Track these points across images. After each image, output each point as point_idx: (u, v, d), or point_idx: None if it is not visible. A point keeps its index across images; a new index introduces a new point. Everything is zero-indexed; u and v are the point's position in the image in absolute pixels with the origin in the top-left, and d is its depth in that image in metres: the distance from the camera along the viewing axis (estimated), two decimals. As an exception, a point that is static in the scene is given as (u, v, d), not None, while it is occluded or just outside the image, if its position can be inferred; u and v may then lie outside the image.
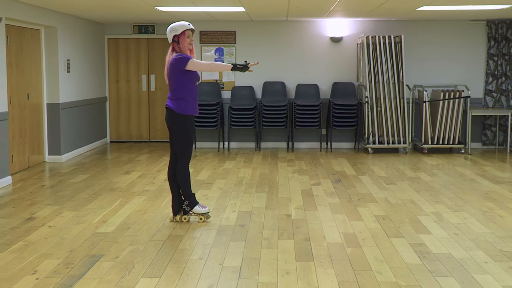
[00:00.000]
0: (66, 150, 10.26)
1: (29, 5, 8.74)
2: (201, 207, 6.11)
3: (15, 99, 8.78)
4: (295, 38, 11.80)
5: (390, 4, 8.87)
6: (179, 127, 5.97)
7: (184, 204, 6.06)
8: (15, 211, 6.55)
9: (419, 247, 5.25)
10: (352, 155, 10.88)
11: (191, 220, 6.12)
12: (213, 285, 4.35)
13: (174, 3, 8.51)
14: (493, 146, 11.67)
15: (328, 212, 6.54)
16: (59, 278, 4.46)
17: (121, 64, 12.57)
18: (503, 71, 11.46)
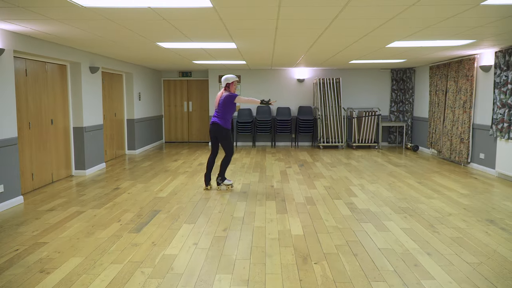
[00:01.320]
0: (138, 146, 10.20)
1: (116, 60, 8.69)
2: (228, 180, 6.21)
3: (108, 116, 8.74)
4: (276, 79, 11.76)
5: (332, 60, 8.84)
6: (226, 136, 5.99)
7: (218, 179, 6.16)
8: (107, 184, 6.52)
9: (350, 205, 5.25)
10: (310, 150, 10.83)
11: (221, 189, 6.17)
12: (227, 228, 4.34)
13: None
14: (394, 144, 11.66)
15: (296, 184, 6.52)
16: (134, 224, 4.45)
17: (171, 95, 12.49)
18: (400, 99, 11.43)
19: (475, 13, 4.29)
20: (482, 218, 4.63)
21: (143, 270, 3.26)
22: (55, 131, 6.67)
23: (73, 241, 3.91)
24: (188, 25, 4.94)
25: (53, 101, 6.61)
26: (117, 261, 3.43)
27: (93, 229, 4.27)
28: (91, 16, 4.40)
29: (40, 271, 3.23)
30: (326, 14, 4.34)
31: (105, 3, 3.86)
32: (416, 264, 3.38)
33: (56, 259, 3.47)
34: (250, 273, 3.23)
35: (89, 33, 5.42)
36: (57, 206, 5.17)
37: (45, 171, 6.37)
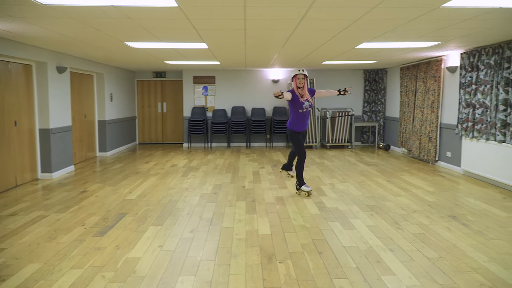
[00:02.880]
0: (110, 148, 10.04)
1: (86, 60, 8.54)
2: (306, 186, 5.73)
3: (77, 118, 8.57)
4: (251, 80, 11.76)
5: (305, 60, 8.90)
6: (289, 136, 5.80)
7: (296, 183, 5.81)
8: (74, 187, 6.38)
9: (319, 204, 5.29)
10: (285, 150, 10.87)
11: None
12: (194, 229, 4.31)
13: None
14: (367, 143, 11.82)
15: (267, 184, 6.54)
16: (98, 227, 4.37)
17: (145, 96, 12.34)
18: (373, 99, 11.61)
19: (436, 16, 4.39)
20: (445, 215, 4.74)
21: (104, 274, 3.20)
22: (19, 133, 6.49)
23: (33, 246, 3.82)
24: (156, 25, 4.89)
25: (17, 102, 6.43)
26: (78, 266, 3.36)
27: (55, 233, 4.17)
28: (53, 14, 4.30)
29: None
30: (292, 15, 4.37)
31: (65, 1, 3.78)
32: (378, 261, 3.44)
33: (13, 266, 3.37)
34: (214, 274, 3.22)
35: (53, 32, 5.31)
36: (19, 210, 5.03)
37: (7, 174, 6.19)
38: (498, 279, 3.08)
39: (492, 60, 6.29)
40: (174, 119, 12.45)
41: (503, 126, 6.03)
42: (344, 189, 6.09)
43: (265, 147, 11.41)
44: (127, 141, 11.43)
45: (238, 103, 11.76)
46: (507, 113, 5.97)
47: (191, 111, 11.64)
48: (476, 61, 6.73)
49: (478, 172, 6.64)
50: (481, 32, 5.33)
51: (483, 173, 6.51)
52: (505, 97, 5.97)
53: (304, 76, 5.54)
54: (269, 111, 11.75)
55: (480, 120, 6.62)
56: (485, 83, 6.49)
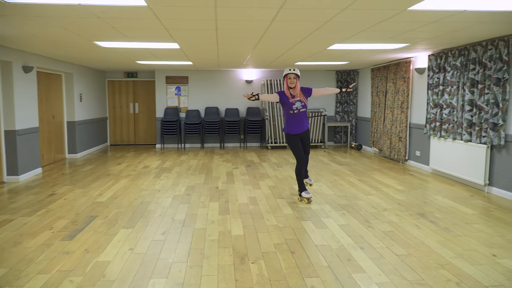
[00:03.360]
0: (80, 150, 9.81)
1: (54, 59, 8.32)
2: (306, 193, 5.37)
3: (45, 118, 8.34)
4: (224, 80, 11.74)
5: (278, 61, 8.95)
6: (286, 141, 5.45)
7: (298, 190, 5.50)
8: (43, 190, 6.21)
9: (292, 204, 5.33)
10: (258, 150, 10.90)
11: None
12: (166, 231, 4.27)
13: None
14: (340, 143, 11.99)
15: (241, 184, 6.54)
16: (67, 231, 4.27)
17: (116, 96, 12.13)
18: (345, 100, 11.79)
19: (404, 18, 4.49)
20: (414, 212, 4.87)
21: (72, 279, 3.13)
22: (-15, 135, 6.28)
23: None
24: (125, 24, 4.81)
25: (-18, 103, 6.22)
26: (45, 271, 3.27)
27: (21, 238, 4.04)
28: (17, 13, 4.18)
29: (-43, 285, 3.02)
30: (263, 16, 4.39)
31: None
32: (349, 259, 3.49)
33: (-24, 271, 3.26)
34: (186, 275, 3.20)
35: (19, 31, 5.15)
36: (-16, 214, 4.87)
37: (-27, 177, 5.97)
38: (464, 274, 3.19)
39: (458, 62, 6.49)
40: (146, 120, 12.28)
41: (469, 126, 6.23)
42: (317, 189, 6.15)
43: (239, 148, 11.40)
44: (98, 142, 11.20)
45: (211, 103, 11.71)
46: (472, 113, 6.18)
47: (164, 112, 11.52)
48: (443, 63, 6.93)
49: (446, 171, 6.85)
50: (447, 34, 5.50)
51: (451, 171, 6.71)
52: (471, 98, 6.17)
53: (295, 76, 5.24)
54: (242, 112, 11.75)
55: (447, 120, 6.82)
56: (451, 84, 6.69)
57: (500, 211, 4.92)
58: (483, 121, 5.91)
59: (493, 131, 5.70)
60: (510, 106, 5.49)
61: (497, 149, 5.75)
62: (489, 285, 2.99)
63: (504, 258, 3.48)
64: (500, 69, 5.56)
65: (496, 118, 5.65)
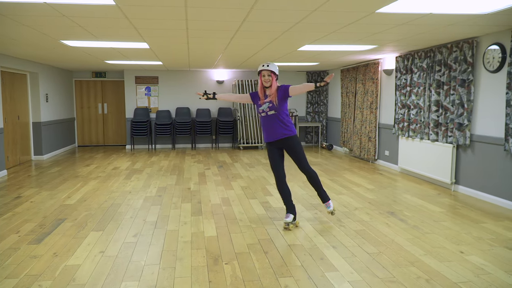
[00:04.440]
0: (47, 151, 9.53)
1: (18, 58, 8.05)
2: (287, 216, 4.35)
3: (9, 119, 8.05)
4: (195, 81, 11.65)
5: (250, 61, 8.98)
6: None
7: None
8: (8, 192, 6.00)
9: (265, 204, 5.36)
10: (230, 151, 10.89)
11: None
12: (138, 233, 4.21)
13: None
14: (311, 143, 12.13)
15: (213, 185, 6.51)
16: (35, 234, 4.14)
17: (84, 96, 11.84)
18: (316, 100, 11.94)
19: (372, 20, 4.60)
20: (384, 211, 4.98)
21: (41, 284, 3.03)
22: None
23: (-40, 257, 3.55)
24: (93, 23, 4.71)
25: None
26: (12, 276, 3.16)
27: (-15, 243, 3.90)
28: (-21, 10, 4.02)
29: None
30: (234, 17, 4.39)
31: (-7, -4, 3.55)
32: (322, 258, 3.54)
33: None
34: (159, 278, 3.16)
35: (-19, 28, 4.96)
36: None
37: None
38: (433, 271, 3.28)
39: (425, 63, 6.69)
40: (115, 120, 12.05)
41: (436, 126, 6.44)
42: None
43: (211, 148, 11.35)
44: (65, 144, 10.90)
45: (182, 104, 11.62)
46: (439, 113, 6.38)
47: (134, 112, 11.34)
48: (410, 64, 7.13)
49: (414, 170, 7.05)
50: (414, 36, 5.66)
51: (418, 170, 6.91)
52: (437, 99, 6.38)
53: (270, 73, 4.25)
54: (214, 112, 11.71)
55: (414, 120, 7.02)
56: (418, 85, 6.89)
57: (467, 209, 5.10)
58: (449, 121, 6.12)
59: (459, 131, 5.91)
60: (475, 107, 5.71)
61: (462, 149, 5.97)
62: (458, 282, 3.09)
63: (471, 255, 3.60)
64: (464, 71, 5.77)
65: (461, 118, 5.86)
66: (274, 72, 4.28)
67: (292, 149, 4.36)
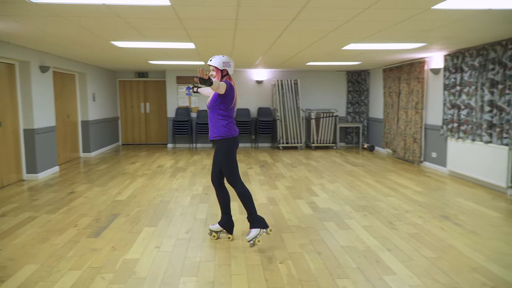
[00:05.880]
0: (94, 149, 9.85)
1: (69, 59, 8.35)
2: (213, 224, 4.13)
3: (60, 118, 8.37)
4: (235, 80, 11.57)
5: (290, 61, 8.96)
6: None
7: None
8: (62, 188, 6.23)
9: (312, 204, 5.31)
10: (270, 150, 10.89)
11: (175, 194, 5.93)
12: (189, 230, 4.27)
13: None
14: (351, 144, 11.95)
15: (257, 185, 6.52)
16: (92, 228, 4.28)
17: (127, 96, 12.17)
18: (356, 100, 11.75)
19: (425, 17, 4.47)
20: (437, 214, 4.83)
21: (104, 276, 3.13)
22: (4, 133, 6.30)
23: (27, 247, 3.70)
24: (145, 24, 4.82)
25: (1, 102, 6.24)
26: (76, 267, 3.28)
27: (48, 234, 4.05)
28: (41, 13, 4.19)
29: (-10, 282, 3.03)
30: (284, 15, 4.37)
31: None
32: (377, 260, 3.47)
33: (9, 267, 3.27)
34: (215, 274, 3.19)
35: (39, 30, 5.17)
36: (8, 212, 4.88)
37: (-8, 176, 6.00)
38: (499, 278, 3.14)
39: (477, 62, 6.45)
40: (157, 120, 12.31)
41: (489, 127, 6.18)
42: (335, 190, 6.13)
43: (251, 148, 11.39)
44: (110, 142, 11.24)
45: (223, 103, 11.69)
46: (492, 114, 6.13)
47: (175, 112, 11.53)
48: (460, 63, 6.89)
49: (465, 173, 6.78)
50: (465, 34, 5.46)
51: (470, 173, 6.64)
52: (491, 99, 6.13)
53: (214, 68, 3.85)
54: (253, 112, 11.74)
55: (465, 121, 6.77)
56: (469, 84, 6.65)
57: (524, 213, 4.87)
58: (504, 122, 5.86)
59: (514, 132, 5.65)
60: (532, 107, 5.44)
61: (518, 151, 5.70)
62: (524, 288, 2.95)
63: (535, 261, 3.43)
64: (521, 70, 5.51)
65: (517, 119, 5.60)
66: (217, 67, 3.83)
67: (218, 157, 3.89)
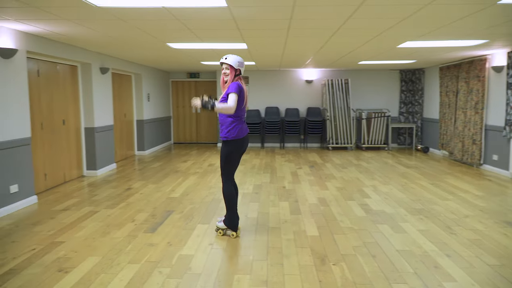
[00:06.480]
0: (148, 147, 10.21)
1: (126, 61, 8.71)
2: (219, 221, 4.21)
3: (117, 117, 8.74)
4: (285, 80, 11.73)
5: (341, 61, 8.81)
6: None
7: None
8: (119, 184, 6.51)
9: (364, 206, 5.20)
10: (319, 151, 10.78)
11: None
12: (241, 229, 4.30)
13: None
14: (404, 145, 11.58)
15: (307, 185, 6.48)
16: (148, 224, 4.43)
17: (179, 96, 12.50)
18: (410, 100, 11.36)
19: (490, 13, 4.24)
20: (500, 220, 4.56)
21: (161, 270, 3.23)
22: (67, 131, 6.68)
23: (89, 240, 3.91)
24: (201, 25, 4.92)
25: (65, 101, 6.61)
26: (134, 261, 3.41)
27: (108, 228, 4.25)
28: (103, 16, 4.39)
29: (58, 270, 3.21)
30: (340, 14, 4.31)
31: (119, 3, 3.85)
32: (436, 266, 3.33)
33: (73, 259, 3.46)
34: (268, 273, 3.19)
35: (100, 33, 5.42)
36: (71, 206, 5.17)
37: (57, 171, 6.37)
38: None
39: (545, 60, 6.04)
40: (208, 119, 12.54)
41: (557, 128, 5.77)
42: (388, 192, 5.96)
43: (299, 148, 11.34)
44: (163, 140, 11.60)
45: (272, 103, 11.74)
46: (562, 114, 5.72)
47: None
48: (526, 61, 6.48)
49: (528, 176, 6.38)
50: (535, 29, 5.13)
51: (534, 177, 6.24)
52: (560, 98, 5.72)
53: (228, 66, 3.87)
54: (303, 112, 11.68)
55: (530, 122, 6.36)
56: (536, 83, 6.24)
57: None
58: None
59: None
60: None
61: None
62: None
63: None
64: None
65: None
66: (232, 66, 3.84)
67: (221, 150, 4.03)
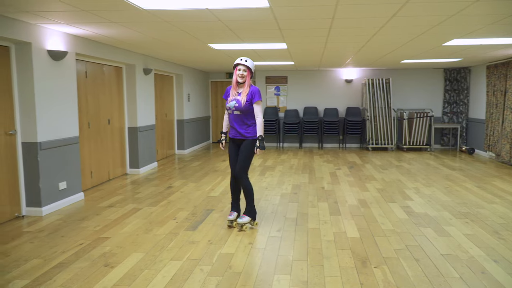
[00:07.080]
0: (188, 146, 10.39)
1: (168, 62, 8.91)
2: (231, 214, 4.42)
3: (158, 116, 8.95)
4: (324, 80, 11.62)
5: (382, 60, 8.63)
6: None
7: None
8: (161, 182, 6.67)
9: (406, 208, 5.07)
10: (359, 151, 10.61)
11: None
12: (281, 229, 4.31)
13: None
14: (448, 146, 11.18)
15: (347, 186, 6.39)
16: (189, 222, 4.51)
17: (218, 96, 12.65)
18: (454, 100, 10.96)
19: (546, 8, 4.03)
20: (553, 226, 4.34)
21: (202, 268, 3.29)
22: (112, 130, 6.92)
23: (133, 237, 4.03)
24: (242, 26, 4.96)
25: (110, 102, 6.85)
26: (177, 258, 3.49)
27: (150, 226, 4.37)
28: (150, 19, 4.51)
29: (104, 265, 3.34)
30: (384, 12, 4.22)
31: (165, 6, 3.94)
32: (483, 272, 3.20)
33: (118, 254, 3.58)
34: (309, 274, 3.18)
35: (145, 35, 5.58)
36: (115, 203, 5.35)
37: (102, 169, 6.62)
38: None
39: None
40: (246, 119, 12.59)
41: None
42: (431, 194, 5.78)
43: (338, 148, 11.20)
44: (202, 140, 11.77)
45: (310, 103, 11.66)
46: None
47: (264, 111, 11.72)
48: None
49: None
50: None
51: None
52: None
53: (246, 68, 4.17)
54: (342, 112, 11.53)
55: None
56: None
57: None
58: None
59: None
60: None
61: None
62: None
63: None
64: None
65: None
66: (250, 69, 4.20)
67: (242, 149, 4.26)
